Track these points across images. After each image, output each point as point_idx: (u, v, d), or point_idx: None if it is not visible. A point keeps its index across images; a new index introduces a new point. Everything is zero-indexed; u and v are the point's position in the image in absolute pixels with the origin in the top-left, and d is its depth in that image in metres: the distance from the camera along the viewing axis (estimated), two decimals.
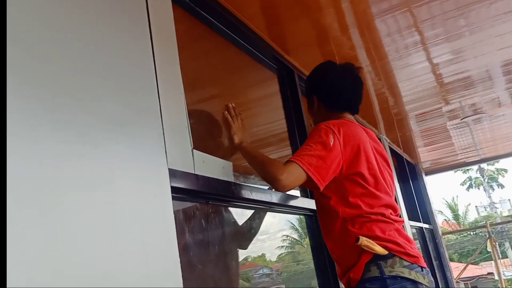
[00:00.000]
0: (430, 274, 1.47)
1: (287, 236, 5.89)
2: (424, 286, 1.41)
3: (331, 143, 1.44)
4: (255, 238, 1.87)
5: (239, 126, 1.63)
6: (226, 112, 1.62)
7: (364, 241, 1.36)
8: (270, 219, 1.62)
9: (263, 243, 1.63)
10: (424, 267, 1.44)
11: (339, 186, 1.48)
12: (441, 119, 4.33)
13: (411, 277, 1.36)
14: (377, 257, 1.38)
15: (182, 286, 1.04)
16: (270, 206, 1.85)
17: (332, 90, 1.71)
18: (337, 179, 1.48)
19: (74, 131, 0.87)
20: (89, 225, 0.83)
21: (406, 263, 1.39)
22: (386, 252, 1.38)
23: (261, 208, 1.84)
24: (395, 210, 1.54)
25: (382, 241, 1.39)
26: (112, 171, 0.93)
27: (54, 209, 0.77)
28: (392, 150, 4.65)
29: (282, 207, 2.04)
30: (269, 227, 1.64)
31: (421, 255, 1.50)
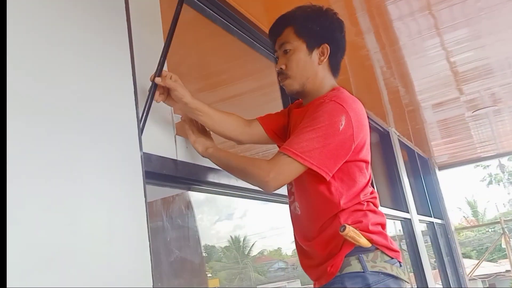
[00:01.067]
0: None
1: None
2: (406, 282, 1.32)
3: (341, 126, 1.20)
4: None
5: (197, 129, 1.38)
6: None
7: (350, 231, 1.22)
8: (286, 212, 1.46)
9: (278, 237, 1.48)
10: (401, 263, 1.33)
11: (343, 172, 1.29)
12: (459, 109, 4.16)
13: (393, 273, 1.27)
14: (358, 250, 1.26)
15: (151, 275, 1.00)
16: (259, 195, 1.76)
17: (343, 45, 1.41)
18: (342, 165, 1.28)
19: (39, 112, 0.85)
20: (49, 208, 0.82)
21: (386, 258, 1.28)
22: (369, 245, 1.26)
23: (248, 196, 1.75)
24: (377, 200, 1.40)
25: (369, 233, 1.27)
26: (77, 154, 0.91)
27: (17, 191, 0.77)
28: (402, 144, 4.49)
29: (274, 196, 1.95)
30: (284, 220, 1.48)
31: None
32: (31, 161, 0.81)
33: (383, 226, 1.35)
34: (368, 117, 1.36)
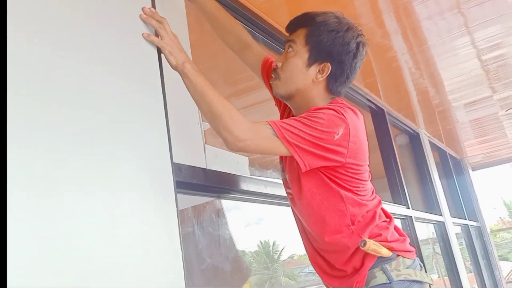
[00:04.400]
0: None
1: None
2: (430, 285, 1.30)
3: (337, 137, 1.14)
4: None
5: (172, 41, 1.14)
6: (144, 16, 1.13)
7: (371, 245, 1.20)
8: None
9: None
10: (420, 263, 1.32)
11: (345, 177, 1.23)
12: (492, 108, 4.04)
13: (418, 278, 1.25)
14: (380, 261, 1.23)
15: (184, 284, 1.00)
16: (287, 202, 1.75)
17: (351, 71, 1.28)
18: (348, 171, 1.22)
19: (72, 128, 0.87)
20: (85, 223, 0.83)
21: (408, 262, 1.26)
22: (390, 254, 1.24)
23: (276, 203, 1.75)
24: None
25: (387, 241, 1.25)
26: (110, 168, 0.93)
27: (52, 207, 0.78)
28: (433, 145, 4.39)
29: None
30: None
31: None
32: (65, 176, 0.82)
33: (397, 229, 1.33)
34: (397, 118, 1.32)
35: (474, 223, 5.16)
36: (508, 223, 24.46)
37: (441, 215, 3.79)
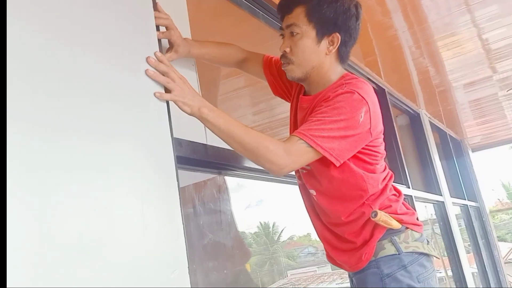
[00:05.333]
0: None
1: None
2: (436, 258, 1.34)
3: (361, 119, 1.15)
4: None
5: (184, 87, 1.10)
6: (151, 72, 1.07)
7: (382, 216, 1.22)
8: None
9: (307, 222, 1.45)
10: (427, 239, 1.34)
11: (365, 161, 1.25)
12: (491, 89, 4.03)
13: (425, 251, 1.28)
14: (389, 233, 1.26)
15: (186, 259, 1.01)
16: (289, 179, 1.76)
17: (357, 33, 1.29)
18: (366, 151, 1.25)
19: (70, 100, 0.86)
20: (84, 197, 0.83)
21: (416, 235, 1.30)
22: (400, 226, 1.26)
23: (278, 180, 1.76)
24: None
25: (397, 214, 1.28)
26: (109, 143, 0.92)
27: (49, 183, 0.78)
28: (433, 126, 4.39)
29: None
30: None
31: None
32: (63, 151, 0.82)
33: (404, 203, 1.36)
34: (397, 99, 1.34)
35: (473, 204, 5.19)
36: (506, 204, 24.61)
37: (441, 195, 3.81)
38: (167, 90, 1.09)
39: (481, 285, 4.68)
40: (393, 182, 1.36)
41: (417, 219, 1.36)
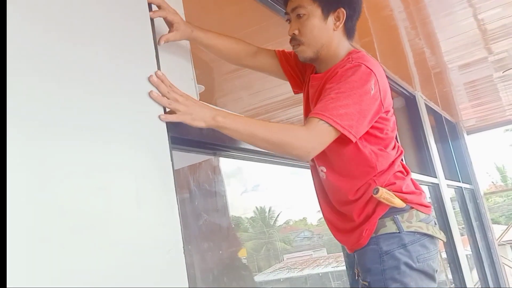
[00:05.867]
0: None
1: None
2: (441, 241, 1.32)
3: (372, 91, 1.18)
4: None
5: (189, 103, 1.09)
6: (155, 95, 1.07)
7: (384, 193, 1.22)
8: (310, 181, 1.44)
9: (303, 207, 1.47)
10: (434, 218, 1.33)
11: (375, 136, 1.27)
12: (487, 70, 4.01)
13: (429, 232, 1.26)
14: (392, 211, 1.26)
15: (181, 239, 1.01)
16: (283, 160, 1.76)
17: (360, 6, 1.33)
18: (375, 126, 1.27)
19: (64, 82, 0.86)
20: (78, 178, 0.83)
21: (422, 216, 1.28)
22: (404, 205, 1.25)
23: (272, 161, 1.75)
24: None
25: (403, 193, 1.27)
26: (102, 124, 0.92)
27: (42, 165, 0.78)
28: (428, 108, 4.39)
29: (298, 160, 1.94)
30: (308, 190, 1.48)
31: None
32: (57, 129, 0.82)
33: (414, 183, 1.35)
34: (393, 81, 1.35)
35: (467, 186, 5.22)
36: (500, 187, 24.85)
37: (436, 177, 3.82)
38: (171, 112, 1.08)
39: (475, 267, 4.74)
40: None
41: (425, 200, 1.34)
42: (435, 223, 1.31)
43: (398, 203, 1.24)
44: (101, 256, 0.83)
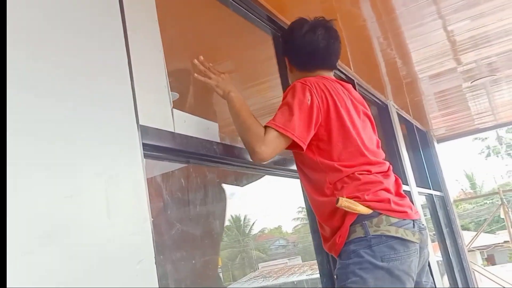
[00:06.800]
0: (424, 228, 1.43)
1: (303, 208, 5.92)
2: (415, 243, 1.36)
3: (308, 101, 1.38)
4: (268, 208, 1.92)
5: (219, 78, 1.49)
6: (196, 74, 1.48)
7: (343, 202, 1.32)
8: (285, 190, 1.56)
9: (278, 215, 1.58)
10: (416, 220, 1.40)
11: (321, 146, 1.43)
12: (456, 80, 4.12)
13: (398, 234, 1.33)
14: (362, 218, 1.34)
15: (153, 247, 1.00)
16: (259, 168, 1.75)
17: (301, 51, 1.60)
18: (318, 137, 1.43)
19: (36, 86, 0.85)
20: (47, 184, 0.82)
21: (394, 220, 1.35)
22: (370, 211, 1.34)
23: (250, 168, 1.74)
24: (381, 165, 1.49)
25: (364, 201, 1.35)
26: (72, 128, 0.91)
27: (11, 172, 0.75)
28: (400, 117, 4.47)
29: (277, 170, 1.94)
30: (285, 198, 1.61)
31: (412, 206, 1.46)
32: (30, 132, 0.80)
33: (386, 190, 1.40)
34: (366, 90, 1.50)
35: (438, 193, 5.32)
36: (469, 194, 25.51)
37: (408, 185, 3.89)
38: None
39: (446, 272, 4.82)
40: None
41: (398, 206, 1.39)
42: (414, 226, 1.37)
43: (362, 209, 1.33)
44: (67, 267, 0.80)
